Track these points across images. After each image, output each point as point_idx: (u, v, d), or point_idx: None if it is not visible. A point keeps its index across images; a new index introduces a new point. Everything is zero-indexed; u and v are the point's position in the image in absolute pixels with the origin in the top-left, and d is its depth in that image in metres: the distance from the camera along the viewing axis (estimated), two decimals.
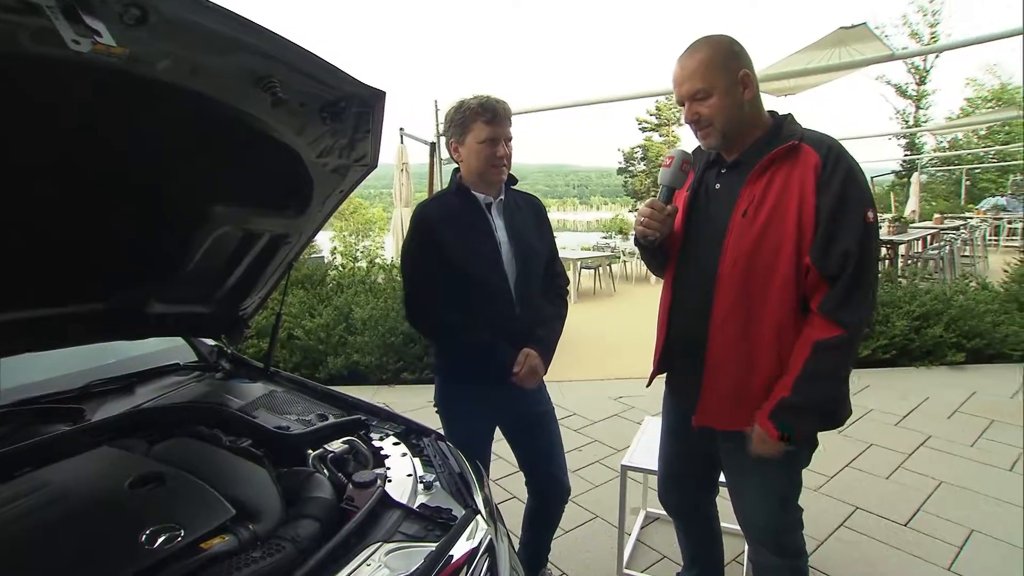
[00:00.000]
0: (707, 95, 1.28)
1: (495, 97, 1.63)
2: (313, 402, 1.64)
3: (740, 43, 1.31)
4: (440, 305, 1.67)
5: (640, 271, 10.80)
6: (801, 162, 1.24)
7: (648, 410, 3.73)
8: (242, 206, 1.37)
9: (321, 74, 1.08)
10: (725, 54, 1.28)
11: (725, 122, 1.30)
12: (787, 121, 1.34)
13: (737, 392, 1.34)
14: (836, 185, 1.21)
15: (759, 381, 1.31)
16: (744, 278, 1.28)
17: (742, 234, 1.28)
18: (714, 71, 1.27)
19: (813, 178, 1.22)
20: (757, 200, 1.27)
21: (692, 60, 1.29)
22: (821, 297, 1.23)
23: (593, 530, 2.42)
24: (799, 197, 1.23)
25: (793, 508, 1.42)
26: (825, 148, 1.24)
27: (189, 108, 0.99)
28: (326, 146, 1.30)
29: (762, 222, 1.26)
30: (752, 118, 1.32)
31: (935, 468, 2.90)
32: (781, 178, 1.25)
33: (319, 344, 4.60)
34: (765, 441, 1.29)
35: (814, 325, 1.24)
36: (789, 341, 1.27)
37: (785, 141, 1.26)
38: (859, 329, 1.24)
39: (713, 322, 1.33)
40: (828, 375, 1.25)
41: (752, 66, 1.30)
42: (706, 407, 1.39)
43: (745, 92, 1.29)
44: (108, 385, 1.53)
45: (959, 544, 2.27)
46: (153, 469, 1.13)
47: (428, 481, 1.27)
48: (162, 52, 0.81)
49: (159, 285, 1.44)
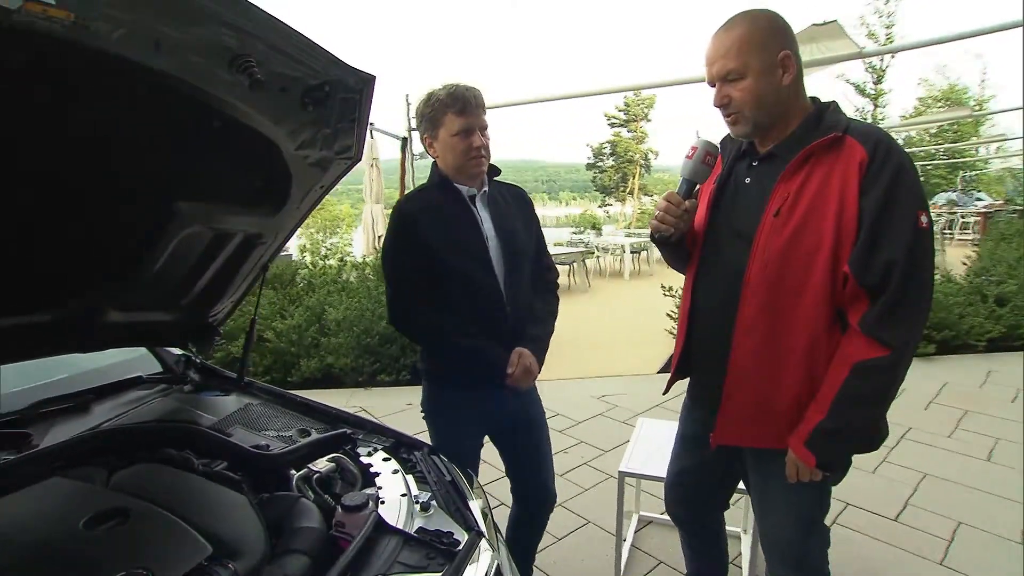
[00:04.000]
0: (740, 76, 1.16)
1: (464, 84, 1.52)
2: (293, 415, 1.51)
3: (784, 20, 1.18)
4: (426, 306, 1.57)
5: (614, 266, 10.85)
6: (844, 157, 1.11)
7: (633, 408, 3.70)
8: (212, 203, 1.23)
9: (305, 55, 0.96)
10: (765, 31, 1.15)
11: (757, 108, 1.17)
12: (830, 110, 1.20)
13: (760, 407, 1.23)
14: (883, 184, 1.07)
15: (786, 398, 1.20)
16: (774, 284, 1.17)
17: (773, 236, 1.16)
18: (750, 49, 1.14)
19: (857, 176, 1.09)
20: (792, 199, 1.14)
21: (727, 36, 1.17)
22: (862, 312, 1.11)
23: (586, 536, 2.35)
24: (839, 197, 1.10)
25: (820, 529, 1.32)
26: (873, 142, 1.10)
27: (150, 88, 0.85)
28: (307, 137, 1.17)
29: (796, 223, 1.14)
30: (790, 105, 1.19)
31: (918, 460, 2.94)
32: (820, 175, 1.13)
33: (291, 346, 4.41)
34: (801, 469, 1.19)
35: (854, 342, 1.12)
36: (822, 357, 1.16)
37: (827, 132, 1.13)
38: (906, 350, 1.10)
39: (737, 330, 1.22)
40: (870, 399, 1.13)
41: (796, 46, 1.17)
42: (726, 420, 1.28)
43: (784, 76, 1.15)
44: (59, 404, 1.36)
45: (948, 537, 2.29)
46: (114, 503, 0.99)
47: (424, 501, 1.17)
48: (116, 19, 0.68)
49: (117, 292, 1.28)
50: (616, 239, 11.27)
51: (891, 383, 1.13)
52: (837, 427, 1.14)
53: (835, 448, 1.17)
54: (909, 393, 3.80)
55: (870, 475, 2.75)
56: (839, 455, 1.19)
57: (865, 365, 1.10)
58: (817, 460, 1.16)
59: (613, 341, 5.64)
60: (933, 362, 4.58)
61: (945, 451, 3.06)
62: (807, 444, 1.16)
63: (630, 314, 6.87)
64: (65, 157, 0.93)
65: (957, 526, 2.36)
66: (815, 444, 1.16)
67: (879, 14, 19.21)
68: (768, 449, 1.24)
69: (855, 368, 1.11)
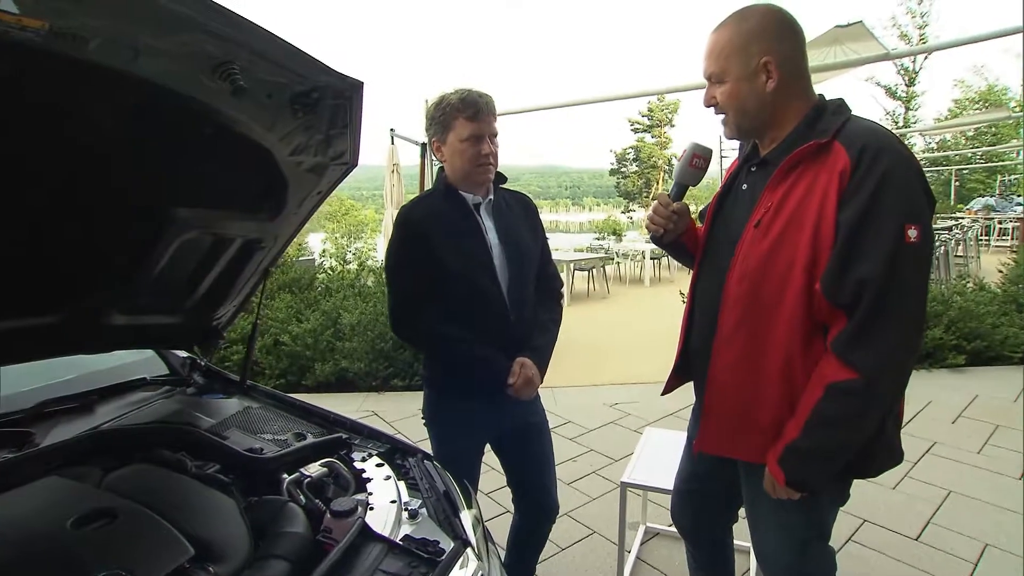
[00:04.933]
0: (720, 81, 1.13)
1: (477, 91, 1.52)
2: (291, 419, 1.52)
3: (782, 19, 1.11)
4: (428, 314, 1.56)
5: (634, 272, 10.74)
6: (829, 165, 1.03)
7: (646, 417, 3.63)
8: (209, 209, 1.25)
9: (289, 61, 0.97)
10: (749, 34, 1.10)
11: (738, 113, 1.14)
12: (827, 112, 1.11)
13: (740, 419, 1.19)
14: (864, 195, 0.98)
15: (765, 414, 1.15)
16: (750, 299, 1.12)
17: (753, 247, 1.11)
18: (731, 54, 1.10)
19: (837, 186, 1.01)
20: (774, 209, 1.09)
21: (714, 37, 1.14)
22: (839, 330, 1.03)
23: (591, 547, 2.31)
24: (819, 209, 1.03)
25: (819, 550, 1.25)
26: (859, 147, 1.01)
27: (137, 97, 0.87)
28: (300, 143, 1.18)
29: (775, 236, 1.08)
30: (779, 110, 1.13)
31: (943, 476, 2.81)
32: (805, 184, 1.06)
33: (306, 350, 4.47)
34: (775, 486, 1.14)
35: (829, 362, 1.05)
36: (799, 375, 1.09)
37: (817, 137, 1.06)
38: (879, 375, 1.01)
39: (717, 341, 1.18)
40: (842, 422, 1.05)
41: (789, 48, 1.10)
42: (707, 429, 1.25)
43: (768, 82, 1.09)
44: (64, 404, 1.39)
45: (974, 560, 2.18)
46: (103, 503, 1.01)
47: (413, 509, 1.16)
48: (92, 28, 0.69)
49: (119, 295, 1.31)
50: (636, 245, 11.17)
51: (865, 408, 1.04)
52: (808, 447, 1.08)
53: (805, 468, 1.10)
54: (935, 406, 3.66)
55: (890, 491, 2.64)
56: (810, 476, 1.11)
57: (837, 387, 1.03)
58: (786, 478, 1.10)
59: (629, 348, 5.56)
60: (963, 373, 4.40)
61: (973, 467, 2.92)
62: (779, 461, 1.11)
63: (648, 321, 6.78)
64: (61, 163, 0.95)
65: (984, 548, 2.24)
66: (786, 462, 1.10)
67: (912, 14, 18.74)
68: (757, 464, 1.20)
69: (828, 389, 1.04)
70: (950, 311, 4.73)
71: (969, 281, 5.81)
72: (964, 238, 10.16)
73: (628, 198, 37.78)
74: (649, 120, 35.84)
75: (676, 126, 36.10)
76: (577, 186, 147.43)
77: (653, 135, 36.19)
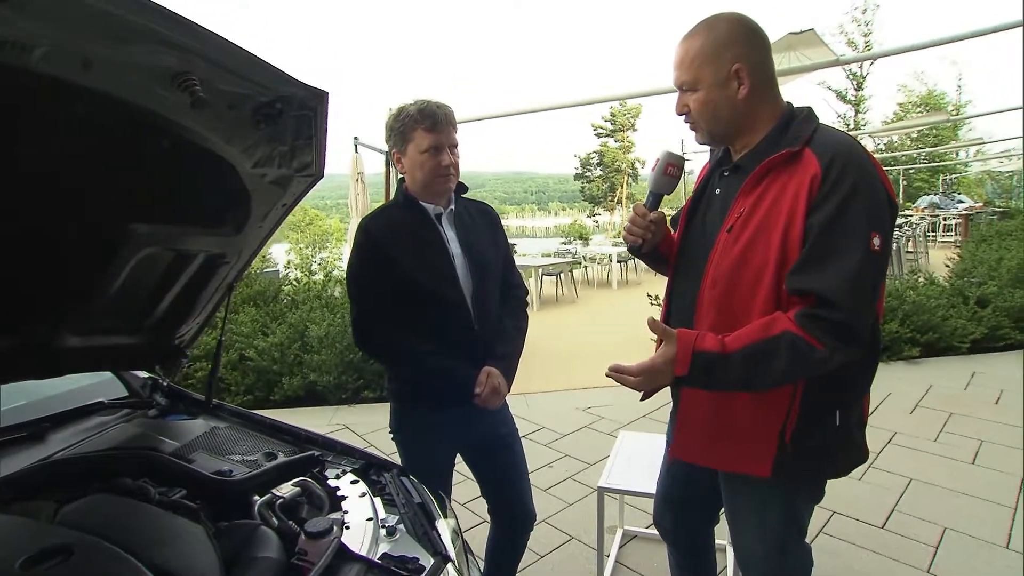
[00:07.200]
0: (693, 89, 1.15)
1: (436, 101, 1.52)
2: (261, 438, 1.47)
3: (750, 26, 1.13)
4: (391, 326, 1.54)
5: (601, 276, 10.86)
6: (799, 172, 1.05)
7: (619, 420, 3.66)
8: (169, 224, 1.20)
9: (251, 71, 0.94)
10: (718, 42, 1.11)
11: (711, 120, 1.15)
12: (798, 119, 1.13)
13: (712, 428, 1.19)
14: (833, 202, 1.00)
15: (739, 422, 1.14)
16: (723, 304, 1.12)
17: (724, 253, 1.12)
18: (703, 62, 1.11)
19: (807, 193, 1.02)
20: (745, 215, 1.10)
21: (684, 46, 1.15)
22: None
23: (569, 553, 2.31)
24: (788, 215, 1.04)
25: (796, 548, 1.27)
26: (829, 156, 1.03)
27: (88, 110, 0.83)
28: (263, 155, 1.15)
29: (745, 242, 1.09)
30: (751, 116, 1.14)
31: (904, 465, 2.93)
32: (775, 191, 1.07)
33: (273, 364, 4.34)
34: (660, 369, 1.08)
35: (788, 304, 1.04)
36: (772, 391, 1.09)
37: (788, 145, 1.08)
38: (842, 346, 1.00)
39: None
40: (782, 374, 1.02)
41: (758, 55, 1.12)
42: (682, 438, 1.26)
43: (740, 89, 1.11)
44: (12, 434, 1.30)
45: (935, 544, 2.27)
46: (57, 539, 0.94)
47: (391, 526, 1.13)
48: (33, 36, 0.65)
49: (73, 315, 1.24)
50: (603, 249, 11.31)
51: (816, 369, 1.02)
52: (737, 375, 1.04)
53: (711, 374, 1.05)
54: (894, 397, 3.82)
55: (856, 482, 2.73)
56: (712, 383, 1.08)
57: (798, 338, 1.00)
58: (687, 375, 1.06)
59: (600, 352, 5.61)
60: (918, 365, 4.60)
61: (931, 455, 3.05)
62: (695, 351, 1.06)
63: (617, 324, 6.85)
64: (5, 179, 0.90)
65: (943, 532, 2.34)
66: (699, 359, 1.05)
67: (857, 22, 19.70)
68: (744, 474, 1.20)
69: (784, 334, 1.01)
70: (904, 305, 4.94)
71: (920, 276, 6.08)
72: (914, 235, 10.66)
73: (593, 202, 38.24)
74: (612, 125, 36.40)
75: (639, 130, 36.79)
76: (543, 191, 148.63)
77: (616, 139, 36.76)
